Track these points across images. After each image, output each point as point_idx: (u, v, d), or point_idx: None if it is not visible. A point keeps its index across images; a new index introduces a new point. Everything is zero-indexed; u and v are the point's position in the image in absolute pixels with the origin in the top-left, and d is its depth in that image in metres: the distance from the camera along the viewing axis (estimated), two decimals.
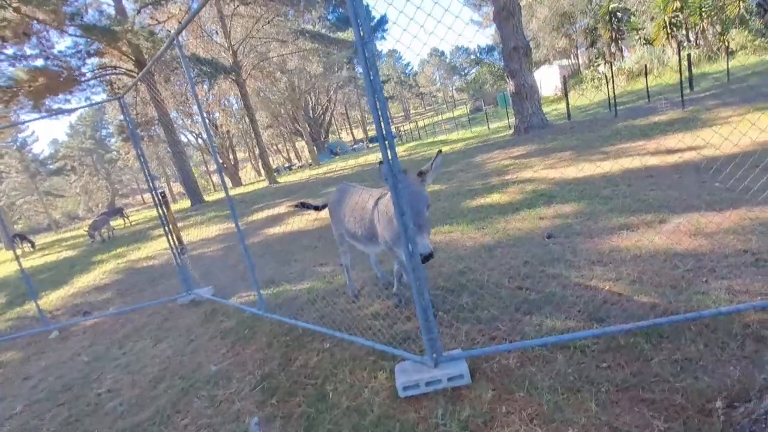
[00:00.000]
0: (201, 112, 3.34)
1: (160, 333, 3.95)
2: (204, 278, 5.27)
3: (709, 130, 6.39)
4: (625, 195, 4.45)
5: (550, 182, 5.85)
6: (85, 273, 8.58)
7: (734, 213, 3.30)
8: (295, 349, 2.88)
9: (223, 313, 4.03)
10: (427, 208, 2.25)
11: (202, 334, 3.63)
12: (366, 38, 1.77)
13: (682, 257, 2.82)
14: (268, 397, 2.42)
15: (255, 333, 3.32)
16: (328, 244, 5.59)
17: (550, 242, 3.63)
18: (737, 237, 2.93)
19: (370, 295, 3.48)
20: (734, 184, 3.82)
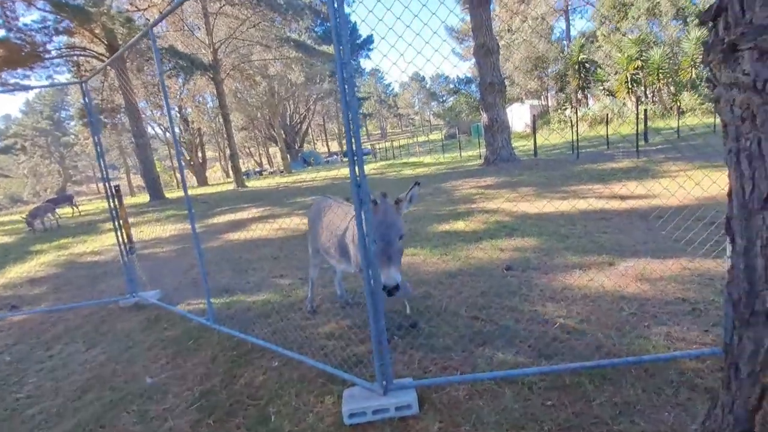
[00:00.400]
0: (167, 105, 3.21)
1: (95, 337, 3.65)
2: (152, 281, 4.97)
3: (658, 182, 6.90)
4: (580, 235, 4.67)
5: (513, 215, 6.06)
6: (19, 263, 7.87)
7: (676, 262, 3.53)
8: (241, 365, 2.74)
9: (168, 320, 3.79)
10: (399, 238, 2.19)
11: (141, 342, 3.39)
12: (345, 59, 1.78)
13: (628, 300, 2.97)
14: (205, 416, 2.27)
15: (200, 345, 3.14)
16: (290, 255, 5.46)
17: (509, 275, 3.72)
18: (677, 286, 3.12)
19: (327, 313, 3.40)
20: (677, 235, 4.11)
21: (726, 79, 1.01)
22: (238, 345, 3.01)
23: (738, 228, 1.09)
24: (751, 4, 0.91)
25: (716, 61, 1.03)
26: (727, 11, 0.99)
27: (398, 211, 2.28)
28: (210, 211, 12.27)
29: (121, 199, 4.61)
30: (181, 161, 3.61)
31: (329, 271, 4.43)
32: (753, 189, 0.99)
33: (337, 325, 3.15)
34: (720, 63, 1.02)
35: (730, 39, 0.97)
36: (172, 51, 18.70)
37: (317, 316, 3.36)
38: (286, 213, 9.75)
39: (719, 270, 3.27)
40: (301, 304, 3.67)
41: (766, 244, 0.99)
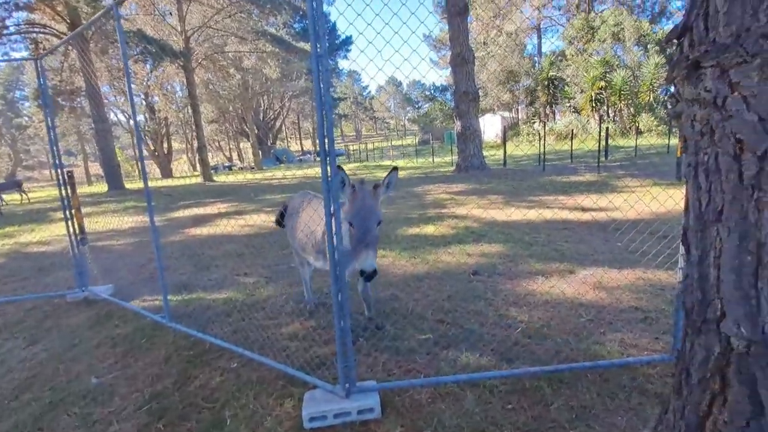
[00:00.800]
0: (130, 90, 3.03)
1: (37, 333, 3.37)
2: (105, 275, 4.67)
3: (618, 195, 7.26)
4: (544, 243, 4.82)
5: (482, 222, 6.18)
6: None
7: (631, 272, 3.70)
8: (197, 366, 2.60)
9: (121, 317, 3.57)
10: (377, 224, 2.17)
11: (88, 339, 3.16)
12: (322, 52, 1.74)
13: (586, 307, 3.08)
14: (154, 419, 2.13)
15: (153, 344, 2.96)
16: (256, 253, 5.30)
17: (475, 279, 3.77)
18: (632, 295, 3.27)
19: (292, 313, 3.31)
20: (633, 246, 4.33)
21: (689, 95, 1.05)
22: (194, 344, 2.86)
23: (693, 239, 1.13)
24: (715, 24, 0.95)
25: (680, 78, 1.07)
26: (692, 30, 1.03)
27: (376, 197, 2.25)
28: (173, 204, 11.74)
29: (74, 187, 4.30)
30: (142, 150, 3.41)
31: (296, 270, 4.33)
32: (709, 202, 1.04)
33: (300, 325, 3.07)
34: (684, 79, 1.06)
35: (694, 57, 1.01)
36: (140, 35, 17.84)
37: (281, 317, 3.26)
38: (254, 209, 9.49)
39: (670, 281, 3.46)
40: (264, 303, 3.55)
41: (719, 255, 1.03)
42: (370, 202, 2.19)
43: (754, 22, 0.88)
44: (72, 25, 16.21)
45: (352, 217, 2.14)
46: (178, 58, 19.50)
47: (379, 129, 79.48)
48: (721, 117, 0.96)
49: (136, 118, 3.45)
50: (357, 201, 2.18)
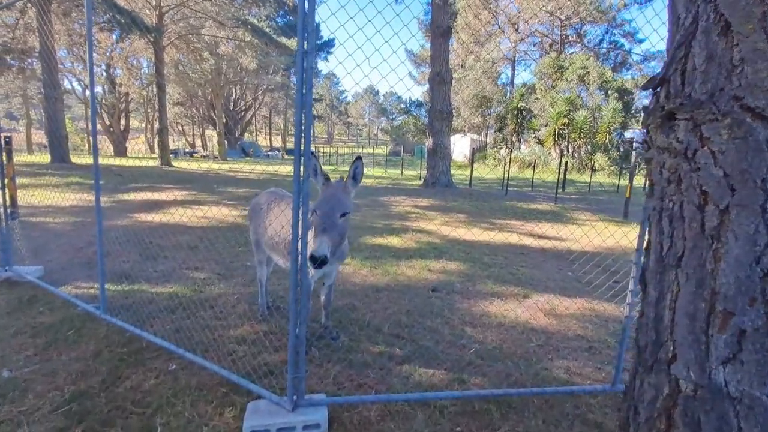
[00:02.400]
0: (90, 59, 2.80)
1: None
2: (35, 254, 4.24)
3: (576, 226, 7.66)
4: (501, 265, 4.95)
5: (444, 238, 6.27)
6: None
7: (579, 301, 3.88)
8: (129, 365, 2.39)
9: (47, 303, 3.23)
10: (341, 215, 2.10)
11: (6, 327, 2.82)
12: (308, 49, 1.68)
13: (536, 333, 3.17)
14: (73, 423, 1.91)
15: (82, 336, 2.69)
16: (210, 247, 5.03)
17: (434, 296, 3.79)
18: (579, 323, 3.41)
19: (243, 315, 3.14)
20: (583, 277, 4.55)
21: (660, 143, 1.10)
22: (130, 341, 2.63)
23: (652, 280, 1.18)
24: (692, 80, 1.01)
25: (654, 125, 1.12)
26: (669, 82, 1.09)
27: (346, 189, 2.22)
28: (124, 185, 10.98)
29: (10, 153, 3.88)
30: (96, 124, 3.14)
31: (253, 269, 4.15)
32: (671, 246, 1.08)
33: (251, 329, 2.92)
34: (657, 127, 1.11)
35: (669, 108, 1.05)
36: (110, 3, 16.75)
37: (230, 318, 3.09)
38: (213, 201, 9.07)
39: (615, 313, 3.65)
40: (213, 302, 3.36)
41: (675, 299, 1.07)
42: (339, 193, 2.16)
43: (728, 83, 0.94)
44: None
45: (317, 205, 2.11)
46: (149, 33, 18.50)
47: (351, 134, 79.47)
48: (690, 168, 1.01)
49: (94, 89, 3.18)
50: (326, 191, 2.18)
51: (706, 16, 0.99)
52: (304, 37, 1.67)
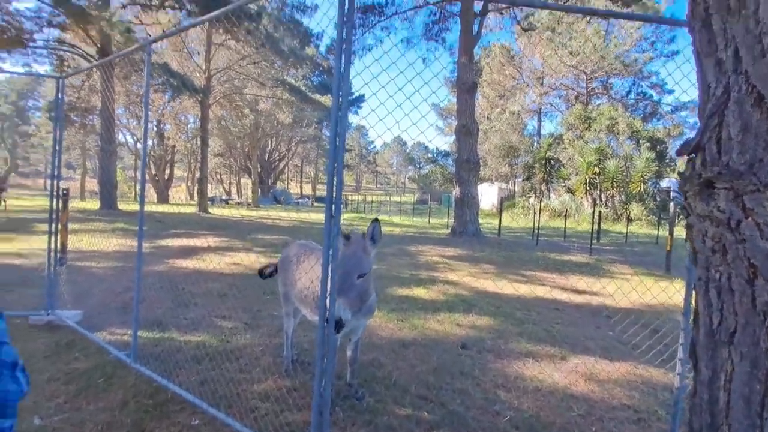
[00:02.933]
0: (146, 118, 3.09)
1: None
2: (77, 299, 4.44)
3: (608, 280, 7.28)
4: (534, 322, 4.71)
5: (473, 290, 6.09)
6: None
7: (623, 366, 3.58)
8: (154, 418, 2.37)
9: (83, 348, 3.32)
10: (359, 276, 2.11)
11: (42, 371, 2.91)
12: (342, 114, 1.79)
13: (577, 400, 2.92)
14: None
15: (111, 385, 2.73)
16: (239, 295, 5.11)
17: (463, 353, 3.62)
18: (624, 391, 3.13)
19: (268, 368, 3.10)
20: (623, 336, 4.24)
21: (701, 211, 1.06)
22: (156, 392, 2.64)
23: (703, 357, 1.09)
24: (729, 149, 0.99)
25: (692, 192, 1.10)
26: (704, 150, 1.07)
27: (365, 250, 2.21)
28: (163, 231, 11.56)
29: (66, 203, 4.23)
30: (144, 175, 3.40)
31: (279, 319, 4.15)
32: (721, 321, 1.01)
33: (274, 384, 2.86)
34: (696, 195, 1.08)
35: (707, 176, 1.03)
36: (165, 68, 18.72)
37: (255, 371, 3.05)
38: (244, 248, 9.34)
39: (663, 380, 3.34)
40: (239, 353, 3.35)
41: (730, 379, 0.98)
42: (358, 252, 2.17)
43: (767, 155, 0.92)
44: (101, 49, 17.02)
45: (336, 265, 2.11)
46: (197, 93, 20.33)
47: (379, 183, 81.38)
48: (735, 239, 0.97)
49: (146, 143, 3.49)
50: (345, 250, 2.18)
51: (737, 87, 0.99)
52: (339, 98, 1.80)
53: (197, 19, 2.94)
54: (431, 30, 17.97)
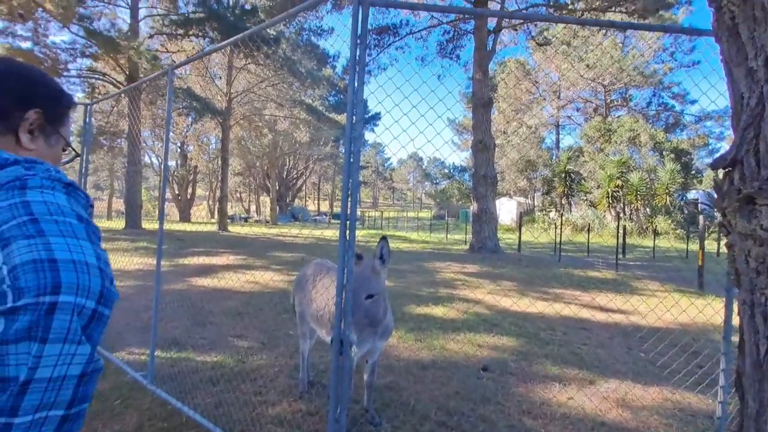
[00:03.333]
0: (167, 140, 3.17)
1: None
2: None
3: (637, 297, 6.95)
4: (560, 343, 4.50)
5: (493, 309, 5.91)
6: None
7: (658, 391, 3.36)
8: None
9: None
10: (366, 296, 2.06)
11: None
12: (356, 134, 1.78)
13: (609, 429, 2.74)
14: None
15: (127, 407, 2.71)
16: (255, 314, 5.10)
17: (485, 376, 3.47)
18: (660, 419, 2.92)
19: (283, 391, 3.04)
20: (656, 358, 4.00)
21: (741, 229, 0.98)
22: (171, 415, 2.61)
23: (750, 389, 0.98)
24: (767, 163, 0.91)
25: (731, 209, 1.01)
26: (742, 164, 1.00)
27: (374, 270, 2.16)
28: (183, 249, 11.79)
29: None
30: (164, 195, 3.47)
31: (295, 338, 4.11)
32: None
33: (289, 407, 2.79)
34: (735, 211, 1.00)
35: (747, 192, 0.95)
36: (188, 92, 19.50)
37: (270, 393, 3.00)
38: (261, 266, 9.40)
39: (701, 406, 3.11)
40: (255, 373, 3.30)
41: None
42: (367, 272, 2.13)
43: None
44: (129, 76, 17.92)
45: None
46: (219, 115, 21.03)
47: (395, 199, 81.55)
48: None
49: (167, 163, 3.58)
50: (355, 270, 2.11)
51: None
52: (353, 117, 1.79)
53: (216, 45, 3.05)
54: (445, 48, 18.18)
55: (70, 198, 0.74)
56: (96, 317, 0.63)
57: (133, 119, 14.92)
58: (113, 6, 18.97)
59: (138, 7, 18.35)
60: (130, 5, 18.21)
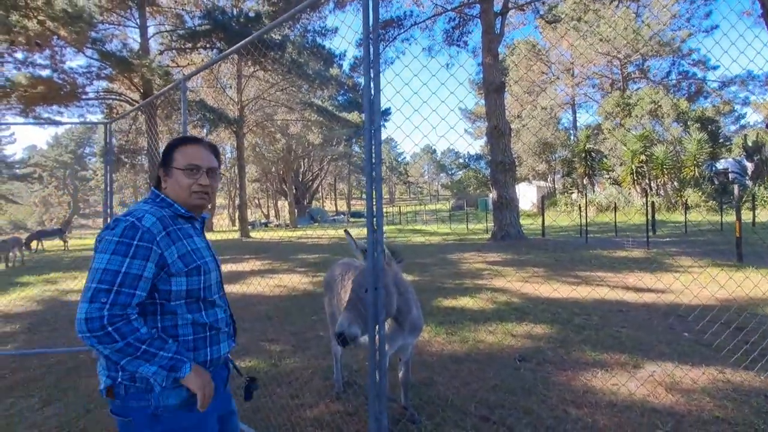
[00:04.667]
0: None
1: (54, 392, 3.25)
2: None
3: (671, 275, 6.66)
4: (597, 327, 4.34)
5: (523, 297, 5.76)
6: (0, 294, 7.53)
7: (707, 371, 3.19)
8: None
9: None
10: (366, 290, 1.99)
11: (102, 406, 2.99)
12: (376, 127, 1.71)
13: (660, 414, 2.60)
14: None
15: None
16: (284, 318, 5.12)
17: (522, 366, 3.37)
18: (713, 400, 2.76)
19: (319, 392, 3.02)
20: (701, 336, 3.80)
21: None
22: None
23: None
24: None
25: None
26: None
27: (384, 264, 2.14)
28: None
29: None
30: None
31: (326, 340, 4.10)
32: None
33: (326, 408, 2.77)
34: None
35: None
36: (201, 104, 19.83)
37: (306, 395, 2.98)
38: (287, 269, 9.49)
39: (754, 384, 2.94)
40: (289, 376, 3.30)
41: None
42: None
43: None
44: (144, 94, 18.35)
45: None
46: (232, 124, 21.33)
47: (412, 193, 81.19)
48: None
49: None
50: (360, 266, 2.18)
51: None
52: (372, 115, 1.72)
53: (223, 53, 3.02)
54: (452, 35, 17.86)
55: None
56: None
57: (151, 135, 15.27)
58: (123, 27, 19.45)
59: (146, 25, 18.74)
60: (139, 24, 18.61)
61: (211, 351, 1.28)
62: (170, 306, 1.21)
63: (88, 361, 3.92)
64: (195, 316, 1.25)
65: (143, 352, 1.10)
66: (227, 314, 1.38)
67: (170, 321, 1.21)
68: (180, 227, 1.28)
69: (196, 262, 1.26)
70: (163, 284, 1.19)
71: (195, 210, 1.37)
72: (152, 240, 1.16)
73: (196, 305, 1.26)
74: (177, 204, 1.31)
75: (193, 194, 1.31)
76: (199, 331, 1.26)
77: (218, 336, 1.31)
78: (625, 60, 31.73)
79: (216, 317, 1.31)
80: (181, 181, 1.29)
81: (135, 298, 1.12)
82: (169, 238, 1.21)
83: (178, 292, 1.21)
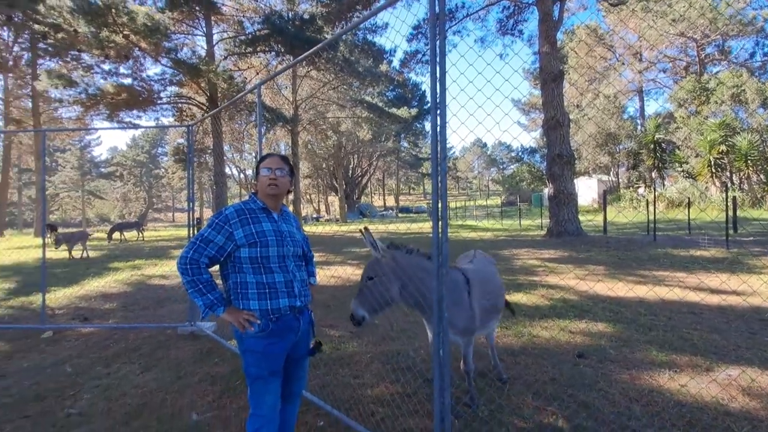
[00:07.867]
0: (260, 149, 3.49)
1: (150, 361, 3.75)
2: None
3: (756, 277, 6.07)
4: (665, 328, 4.12)
5: (581, 295, 5.57)
6: (97, 277, 8.62)
7: None
8: None
9: (220, 355, 3.82)
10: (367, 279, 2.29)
11: (191, 373, 3.40)
12: (442, 124, 1.82)
13: (736, 418, 2.47)
14: None
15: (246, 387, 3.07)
16: (340, 306, 5.40)
17: (581, 363, 3.32)
18: None
19: (377, 374, 3.21)
20: None
21: None
22: None
23: None
24: None
25: None
26: None
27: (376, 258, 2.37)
28: None
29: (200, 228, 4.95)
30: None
31: (381, 328, 4.28)
32: None
33: (386, 389, 2.94)
34: None
35: None
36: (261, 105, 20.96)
37: (366, 376, 3.18)
38: (340, 261, 9.87)
39: None
40: (349, 359, 3.53)
41: None
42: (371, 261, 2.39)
43: None
44: (210, 97, 19.80)
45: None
46: (288, 123, 22.35)
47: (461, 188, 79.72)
48: None
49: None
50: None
51: None
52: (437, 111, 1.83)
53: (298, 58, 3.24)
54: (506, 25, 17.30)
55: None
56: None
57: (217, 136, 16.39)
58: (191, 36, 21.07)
59: (212, 33, 20.13)
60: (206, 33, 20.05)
61: (270, 303, 1.75)
62: (242, 267, 1.75)
63: (174, 336, 4.44)
64: (257, 277, 1.75)
65: (198, 290, 1.70)
66: (287, 279, 1.79)
67: (242, 278, 1.75)
68: (255, 216, 1.79)
69: (255, 239, 1.74)
70: (237, 252, 1.74)
71: (270, 200, 1.87)
72: (227, 221, 1.73)
73: (259, 269, 1.75)
74: (259, 200, 1.86)
75: (267, 186, 1.83)
76: (261, 287, 1.75)
77: (276, 293, 1.76)
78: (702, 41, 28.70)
79: (274, 280, 1.76)
80: (262, 179, 1.85)
81: (206, 252, 1.70)
82: (240, 222, 1.74)
83: (244, 258, 1.73)
